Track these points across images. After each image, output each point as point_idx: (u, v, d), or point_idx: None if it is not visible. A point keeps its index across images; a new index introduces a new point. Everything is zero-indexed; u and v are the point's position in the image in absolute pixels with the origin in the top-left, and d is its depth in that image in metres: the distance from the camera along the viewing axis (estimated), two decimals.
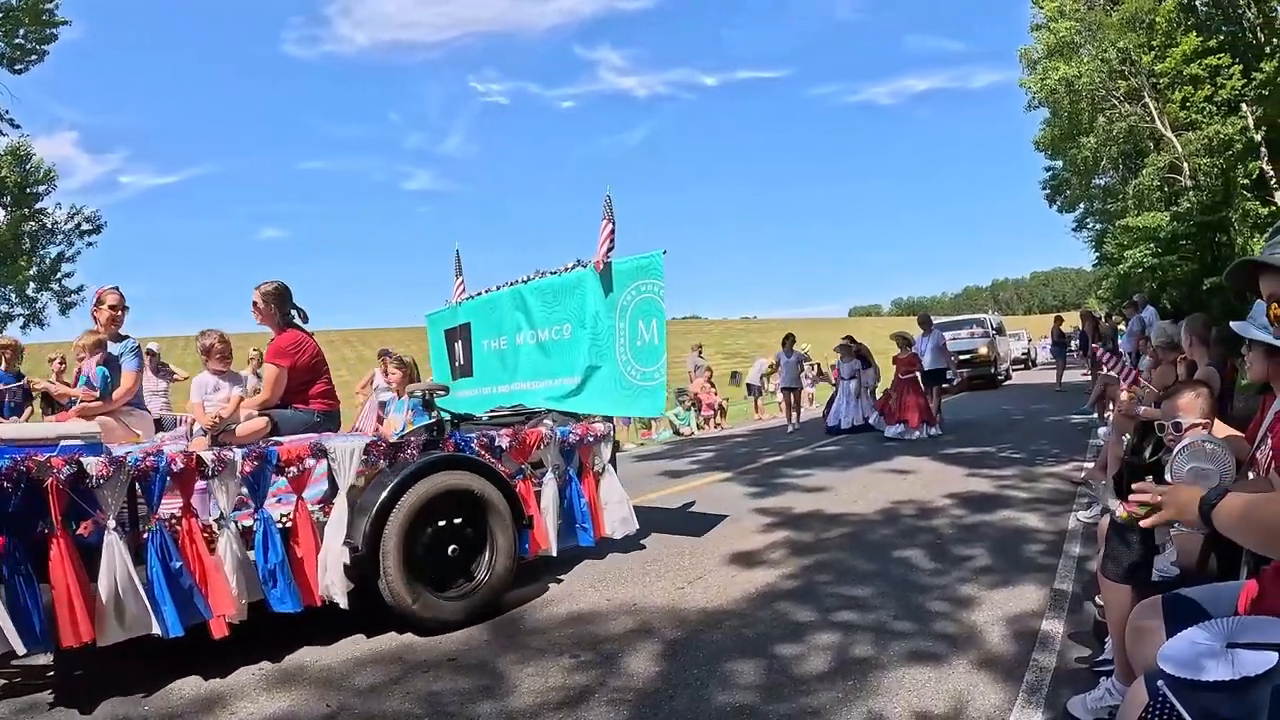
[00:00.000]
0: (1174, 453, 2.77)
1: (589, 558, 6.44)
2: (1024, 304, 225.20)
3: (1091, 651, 3.86)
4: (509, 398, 7.76)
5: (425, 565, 4.90)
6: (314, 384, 5.66)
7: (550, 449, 5.99)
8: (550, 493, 5.88)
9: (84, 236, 36.96)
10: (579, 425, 6.38)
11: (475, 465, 5.30)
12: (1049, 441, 11.80)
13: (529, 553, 5.63)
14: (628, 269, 6.55)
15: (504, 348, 8.03)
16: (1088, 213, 39.24)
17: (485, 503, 5.19)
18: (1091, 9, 28.67)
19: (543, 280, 7.45)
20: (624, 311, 6.54)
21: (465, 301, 8.79)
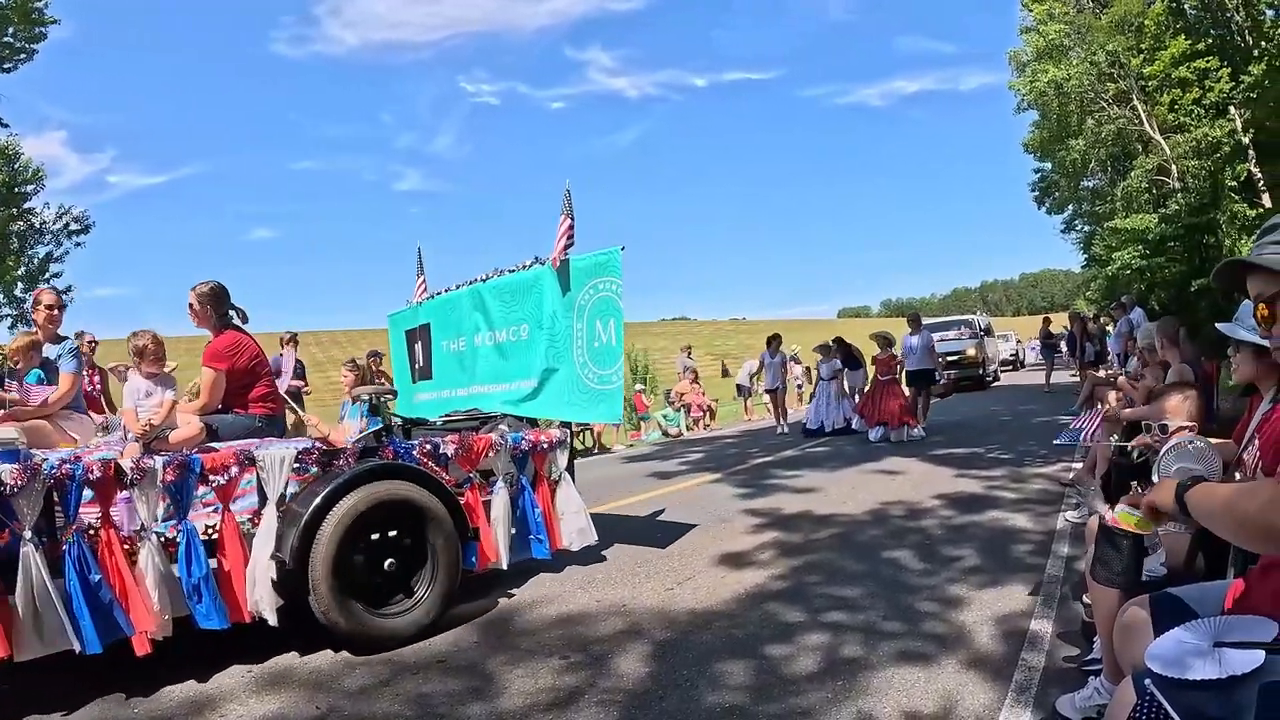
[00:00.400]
0: (1161, 453, 2.79)
1: (579, 560, 6.43)
2: (1013, 305, 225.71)
3: (1080, 651, 3.87)
4: (467, 401, 7.52)
5: (360, 580, 4.62)
6: (254, 387, 5.47)
7: (501, 456, 5.69)
8: (501, 503, 5.58)
9: (72, 236, 36.78)
10: (533, 431, 6.11)
11: (414, 474, 5.01)
12: (1037, 442, 11.82)
13: (477, 566, 5.34)
14: (585, 266, 6.27)
15: (463, 349, 7.77)
16: (1076, 214, 39.41)
17: (425, 514, 4.89)
18: (1080, 12, 28.82)
19: (501, 279, 7.16)
20: (581, 311, 6.27)
21: (425, 301, 8.49)
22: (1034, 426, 14.15)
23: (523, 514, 5.79)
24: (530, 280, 6.78)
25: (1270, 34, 24.88)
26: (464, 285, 7.67)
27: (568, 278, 6.38)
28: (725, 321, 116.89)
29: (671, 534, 7.22)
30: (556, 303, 6.48)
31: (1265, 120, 23.53)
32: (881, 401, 13.76)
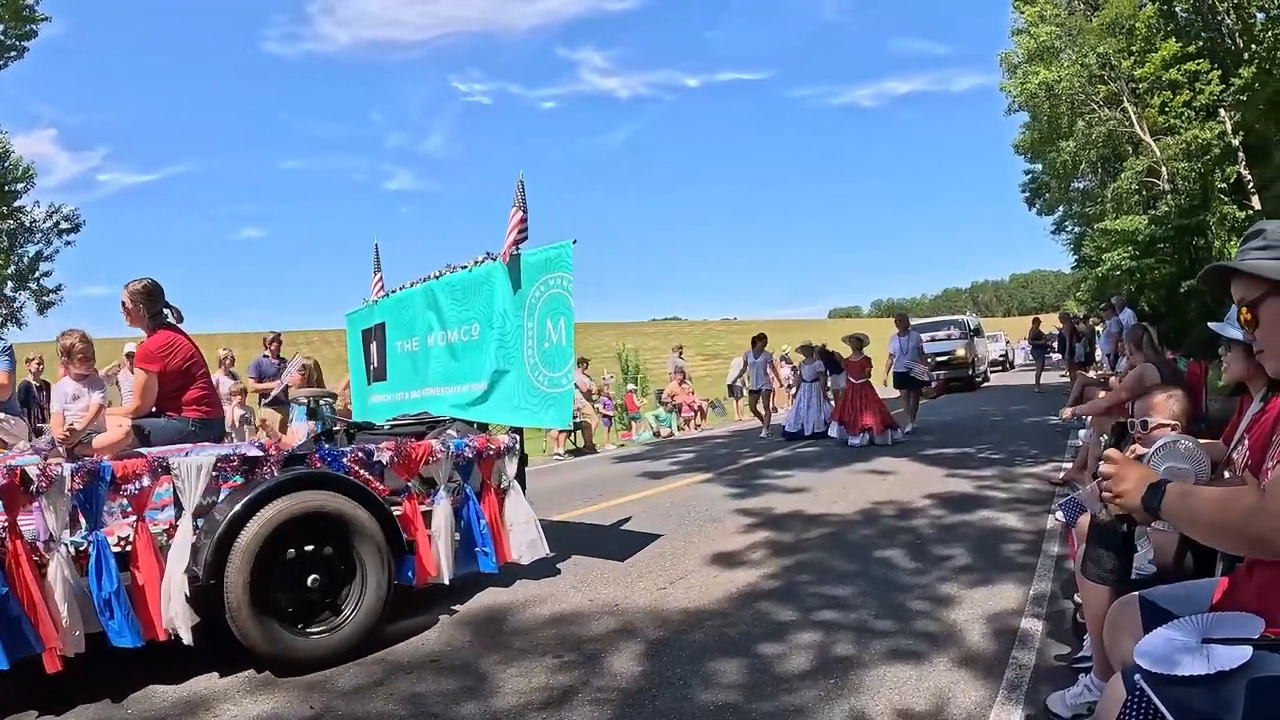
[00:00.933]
0: (1150, 452, 2.81)
1: (572, 560, 6.44)
2: (1003, 306, 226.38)
3: (1070, 649, 3.90)
4: (419, 404, 7.22)
5: (281, 598, 4.32)
6: (188, 389, 5.26)
7: (442, 464, 5.34)
8: (442, 513, 5.24)
9: (62, 235, 36.73)
10: (479, 437, 5.78)
11: (340, 483, 4.67)
12: (1028, 442, 11.88)
13: (416, 581, 5.01)
14: (536, 261, 5.89)
15: (415, 350, 7.40)
16: (1067, 216, 39.64)
17: (351, 526, 4.54)
18: (1072, 14, 28.95)
19: (453, 275, 6.78)
20: (532, 309, 5.90)
21: (381, 299, 8.08)
22: (1025, 427, 14.20)
23: (467, 525, 5.45)
24: (482, 277, 6.42)
25: (1260, 37, 24.99)
26: (418, 282, 7.33)
27: (518, 274, 6.03)
28: (716, 321, 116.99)
29: (663, 534, 7.24)
30: (507, 300, 6.12)
31: (1255, 123, 23.66)
32: (860, 407, 13.36)
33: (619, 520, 8.05)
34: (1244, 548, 1.87)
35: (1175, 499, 1.97)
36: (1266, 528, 1.70)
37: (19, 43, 30.52)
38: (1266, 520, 1.71)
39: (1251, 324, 1.97)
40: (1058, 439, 11.89)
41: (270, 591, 4.26)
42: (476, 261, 6.46)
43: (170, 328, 5.43)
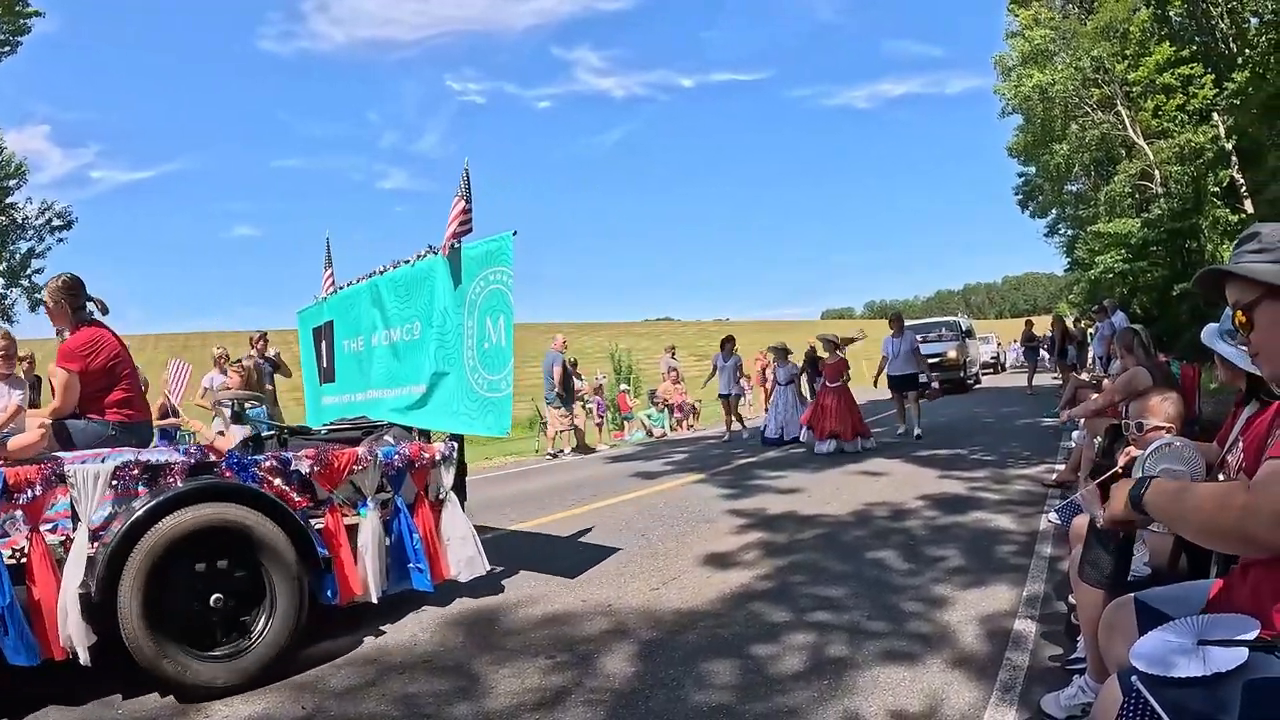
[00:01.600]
0: (1144, 454, 2.81)
1: (565, 559, 6.44)
2: (995, 308, 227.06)
3: (1064, 650, 3.90)
4: (363, 408, 6.86)
5: (181, 617, 4.03)
6: (111, 391, 5.02)
7: (369, 474, 4.98)
8: (369, 527, 4.90)
9: (55, 232, 36.64)
10: (411, 445, 5.47)
11: (246, 495, 4.34)
12: (1020, 444, 11.91)
13: (339, 599, 4.71)
14: (477, 255, 5.51)
15: (361, 350, 6.99)
16: (1060, 218, 39.74)
17: (257, 541, 4.24)
18: (1066, 18, 29.05)
19: (397, 271, 6.42)
20: (473, 307, 5.51)
21: (330, 296, 7.69)
22: (1017, 428, 14.23)
23: (398, 540, 5.13)
24: (424, 272, 6.06)
25: (1254, 41, 25.07)
26: (364, 278, 6.94)
27: (459, 268, 5.64)
28: (709, 322, 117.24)
29: (657, 534, 7.22)
30: (448, 297, 5.74)
31: (1248, 127, 23.74)
32: (832, 412, 12.72)
33: (614, 520, 8.03)
34: (1234, 545, 1.89)
35: (1167, 498, 2.01)
36: (1255, 525, 1.72)
37: (12, 38, 30.42)
38: (1255, 517, 1.72)
39: (1246, 327, 1.98)
40: (1050, 441, 11.92)
41: (169, 610, 3.98)
42: (419, 255, 6.12)
43: (95, 324, 5.17)
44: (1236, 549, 1.94)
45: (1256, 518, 1.72)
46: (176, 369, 12.76)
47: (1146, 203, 28.81)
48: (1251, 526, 1.73)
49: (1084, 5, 29.63)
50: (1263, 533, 1.72)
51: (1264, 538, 1.72)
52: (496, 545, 6.85)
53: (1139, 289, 28.18)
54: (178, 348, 39.13)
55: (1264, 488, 1.76)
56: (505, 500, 9.87)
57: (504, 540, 7.37)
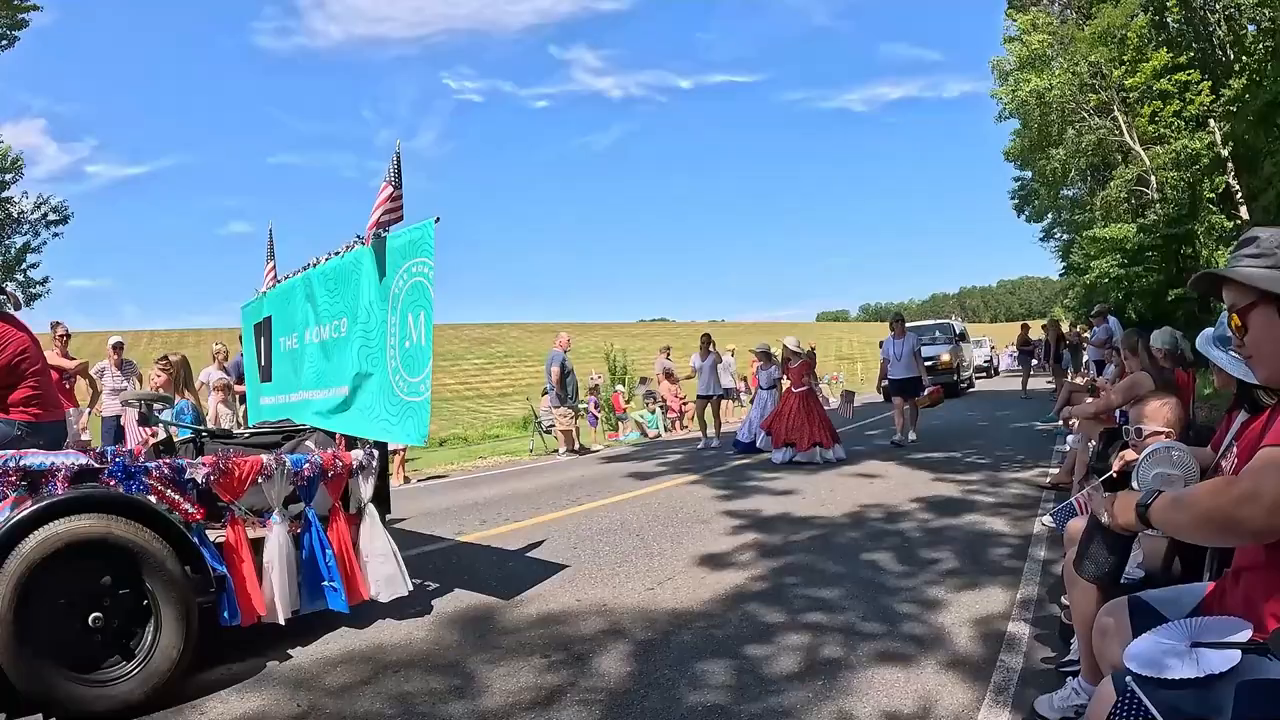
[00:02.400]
0: (1140, 458, 2.82)
1: (561, 559, 6.45)
2: (990, 311, 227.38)
3: (1057, 653, 3.92)
4: (293, 409, 6.50)
5: (57, 637, 3.73)
6: (17, 388, 4.71)
7: (275, 483, 4.61)
8: (277, 542, 4.55)
9: (50, 227, 36.63)
10: (324, 452, 5.06)
11: (124, 505, 3.98)
12: (1014, 447, 11.94)
13: (241, 620, 4.34)
14: (400, 245, 5.12)
15: (295, 347, 6.56)
16: (1055, 223, 39.88)
17: (141, 557, 3.87)
18: (1064, 23, 29.14)
19: (328, 263, 6.00)
20: (396, 301, 5.09)
21: (270, 290, 7.26)
22: (1011, 432, 14.27)
23: (310, 556, 4.77)
24: (351, 264, 5.65)
25: (1251, 49, 25.23)
26: (300, 271, 6.51)
27: (384, 259, 5.26)
28: (705, 323, 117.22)
29: (651, 534, 7.23)
30: (373, 291, 5.35)
31: (1244, 134, 23.84)
32: (791, 418, 12.00)
33: (608, 520, 8.04)
34: (1227, 535, 1.92)
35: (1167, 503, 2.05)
36: (1247, 513, 1.74)
37: (10, 31, 30.39)
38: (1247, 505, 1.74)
39: (1241, 330, 2.00)
40: (1044, 444, 11.95)
41: (43, 630, 3.69)
42: (348, 246, 5.73)
43: (6, 319, 4.85)
44: (1230, 540, 1.96)
45: (1249, 505, 1.74)
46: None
47: (1142, 208, 28.96)
48: (1244, 514, 1.75)
49: (1082, 10, 29.72)
50: (1256, 520, 1.74)
51: (1256, 524, 1.74)
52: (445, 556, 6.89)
53: (1134, 294, 28.25)
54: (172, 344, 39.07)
55: (1256, 475, 1.78)
56: (500, 500, 9.88)
57: (456, 551, 7.37)
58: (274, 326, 7.10)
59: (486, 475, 13.29)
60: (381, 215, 5.29)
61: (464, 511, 9.11)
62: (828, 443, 11.74)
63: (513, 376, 56.27)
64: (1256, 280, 1.92)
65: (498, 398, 46.74)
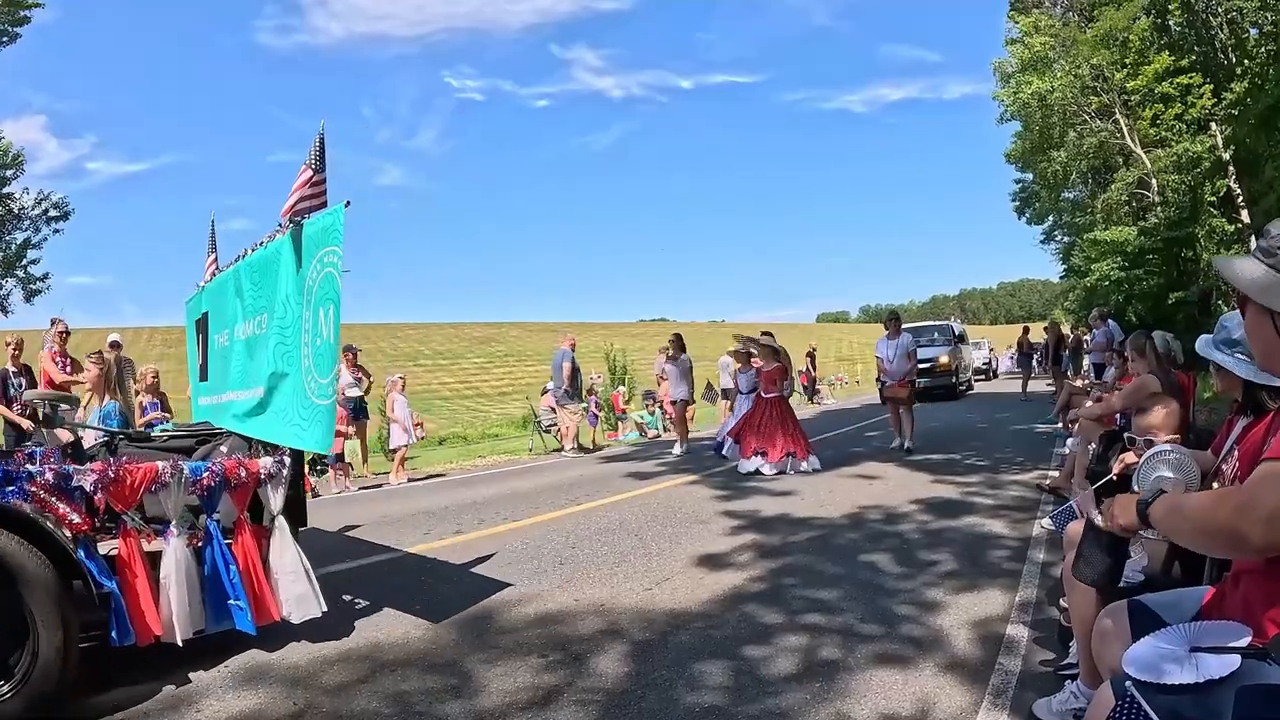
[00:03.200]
0: (1141, 461, 2.82)
1: (559, 559, 6.44)
2: (990, 314, 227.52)
3: (1056, 656, 3.91)
4: (220, 411, 6.18)
5: None
6: None
7: (171, 492, 4.26)
8: (175, 556, 4.21)
9: (51, 223, 36.59)
10: (227, 459, 4.72)
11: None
12: (1014, 449, 11.94)
13: (133, 640, 3.99)
14: (314, 233, 4.75)
15: (226, 345, 6.19)
16: (1056, 225, 39.89)
17: (14, 570, 3.57)
18: (1066, 25, 29.13)
19: (254, 254, 5.63)
20: (309, 295, 4.69)
21: (208, 285, 6.89)
22: (1011, 434, 14.27)
23: (213, 571, 4.41)
24: (273, 254, 5.27)
25: (1253, 52, 25.22)
26: (232, 264, 6.13)
27: (300, 249, 4.87)
28: (704, 323, 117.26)
29: (650, 534, 7.22)
30: (290, 283, 4.97)
31: (1245, 137, 23.82)
32: (763, 427, 11.32)
33: (606, 520, 8.03)
34: (1226, 547, 1.90)
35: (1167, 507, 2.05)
36: (1247, 525, 1.73)
37: (11, 28, 30.38)
38: (1247, 517, 1.73)
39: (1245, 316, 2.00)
40: (1044, 446, 11.95)
41: None
42: (270, 236, 5.39)
43: None
44: (1228, 551, 1.95)
45: (1248, 517, 1.73)
46: None
47: (1143, 211, 28.96)
48: (1244, 526, 1.74)
49: (1084, 13, 29.72)
50: (1255, 533, 1.73)
51: (1255, 538, 1.73)
52: (445, 555, 6.89)
53: (1135, 297, 28.23)
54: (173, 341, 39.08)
55: (1256, 487, 1.77)
56: (499, 499, 9.88)
57: (456, 551, 7.37)
58: (210, 323, 6.77)
59: (485, 474, 13.29)
60: (298, 201, 4.93)
61: (462, 510, 9.11)
62: (802, 453, 11.12)
63: (512, 376, 56.31)
64: (1239, 280, 1.92)
65: (497, 397, 46.77)
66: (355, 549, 7.26)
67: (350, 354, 13.02)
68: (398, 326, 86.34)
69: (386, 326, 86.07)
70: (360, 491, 11.85)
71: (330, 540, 7.72)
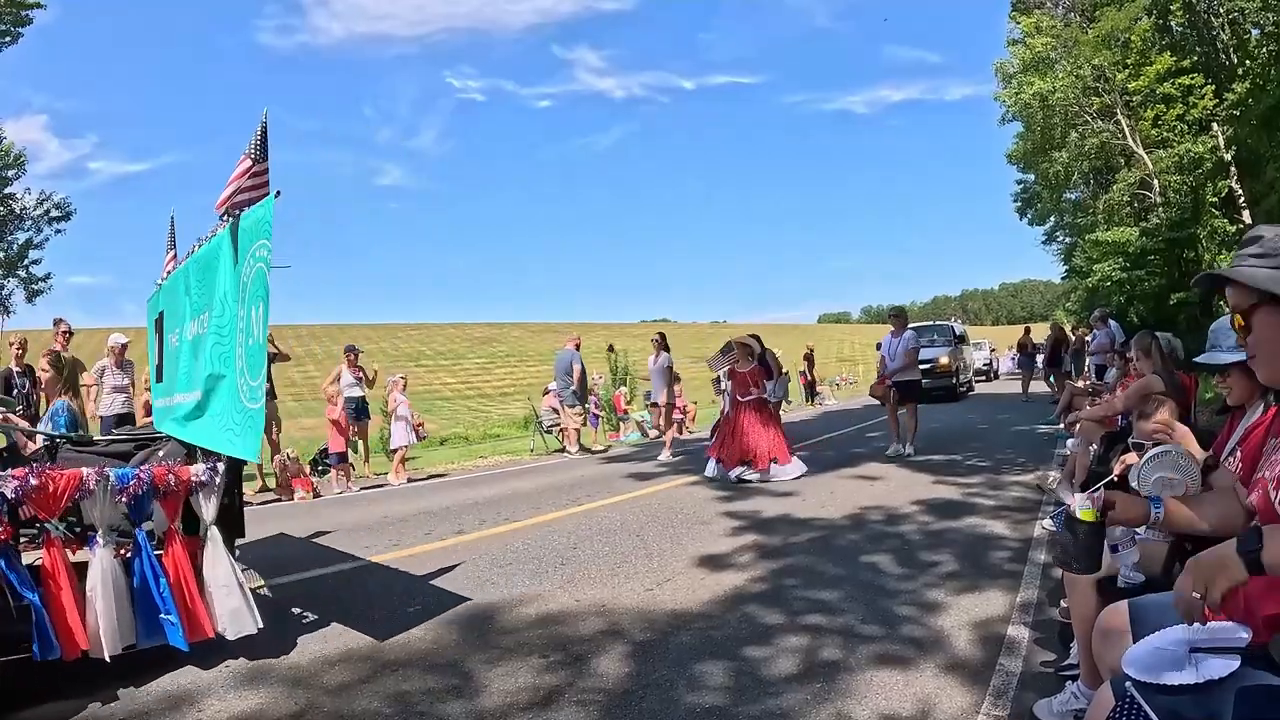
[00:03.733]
0: (1141, 461, 2.82)
1: (559, 559, 6.44)
2: (992, 314, 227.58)
3: (1057, 656, 3.90)
4: (170, 415, 5.90)
5: None
6: None
7: (97, 500, 4.04)
8: (101, 567, 4.00)
9: (53, 224, 36.64)
10: (158, 467, 4.40)
11: None
12: (1015, 450, 11.92)
13: (59, 654, 3.83)
14: (249, 226, 4.53)
15: (177, 345, 5.95)
16: (1058, 226, 39.93)
17: None
18: (1068, 26, 29.13)
19: (200, 249, 5.40)
20: (244, 291, 4.45)
21: (164, 283, 6.63)
22: (1012, 435, 14.24)
23: (143, 584, 4.18)
24: (214, 250, 5.03)
25: (1255, 53, 25.21)
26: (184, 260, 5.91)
27: (237, 243, 4.66)
28: (706, 324, 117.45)
29: (650, 535, 7.22)
30: (228, 279, 4.73)
31: (1247, 138, 23.85)
32: (745, 434, 10.67)
33: (606, 519, 8.04)
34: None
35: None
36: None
37: (13, 28, 30.40)
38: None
39: (1245, 330, 1.99)
40: (1045, 448, 11.94)
41: None
42: (214, 231, 5.15)
43: None
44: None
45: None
46: None
47: (1145, 212, 28.97)
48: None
49: (1085, 14, 29.74)
50: None
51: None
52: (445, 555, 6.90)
53: (1136, 297, 28.25)
54: None
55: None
56: (500, 500, 9.88)
57: (456, 551, 7.37)
58: (165, 322, 6.54)
59: (487, 475, 13.29)
60: (235, 193, 4.70)
61: (464, 511, 9.11)
62: (785, 458, 10.58)
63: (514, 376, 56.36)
64: (1260, 282, 1.91)
65: (499, 397, 46.83)
66: (356, 549, 7.25)
67: (351, 354, 13.03)
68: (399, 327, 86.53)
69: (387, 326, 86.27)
70: (361, 492, 11.85)
71: (331, 540, 7.74)
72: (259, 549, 7.10)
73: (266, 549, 7.32)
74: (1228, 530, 2.31)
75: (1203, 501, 2.51)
